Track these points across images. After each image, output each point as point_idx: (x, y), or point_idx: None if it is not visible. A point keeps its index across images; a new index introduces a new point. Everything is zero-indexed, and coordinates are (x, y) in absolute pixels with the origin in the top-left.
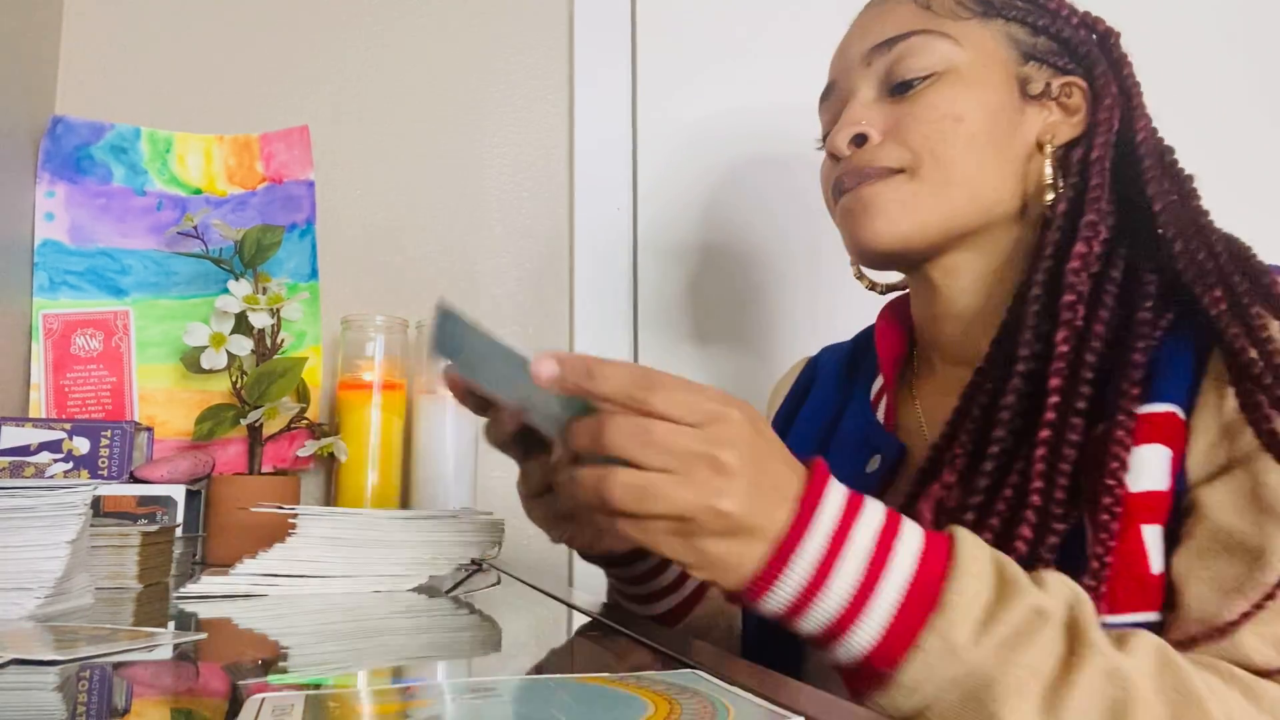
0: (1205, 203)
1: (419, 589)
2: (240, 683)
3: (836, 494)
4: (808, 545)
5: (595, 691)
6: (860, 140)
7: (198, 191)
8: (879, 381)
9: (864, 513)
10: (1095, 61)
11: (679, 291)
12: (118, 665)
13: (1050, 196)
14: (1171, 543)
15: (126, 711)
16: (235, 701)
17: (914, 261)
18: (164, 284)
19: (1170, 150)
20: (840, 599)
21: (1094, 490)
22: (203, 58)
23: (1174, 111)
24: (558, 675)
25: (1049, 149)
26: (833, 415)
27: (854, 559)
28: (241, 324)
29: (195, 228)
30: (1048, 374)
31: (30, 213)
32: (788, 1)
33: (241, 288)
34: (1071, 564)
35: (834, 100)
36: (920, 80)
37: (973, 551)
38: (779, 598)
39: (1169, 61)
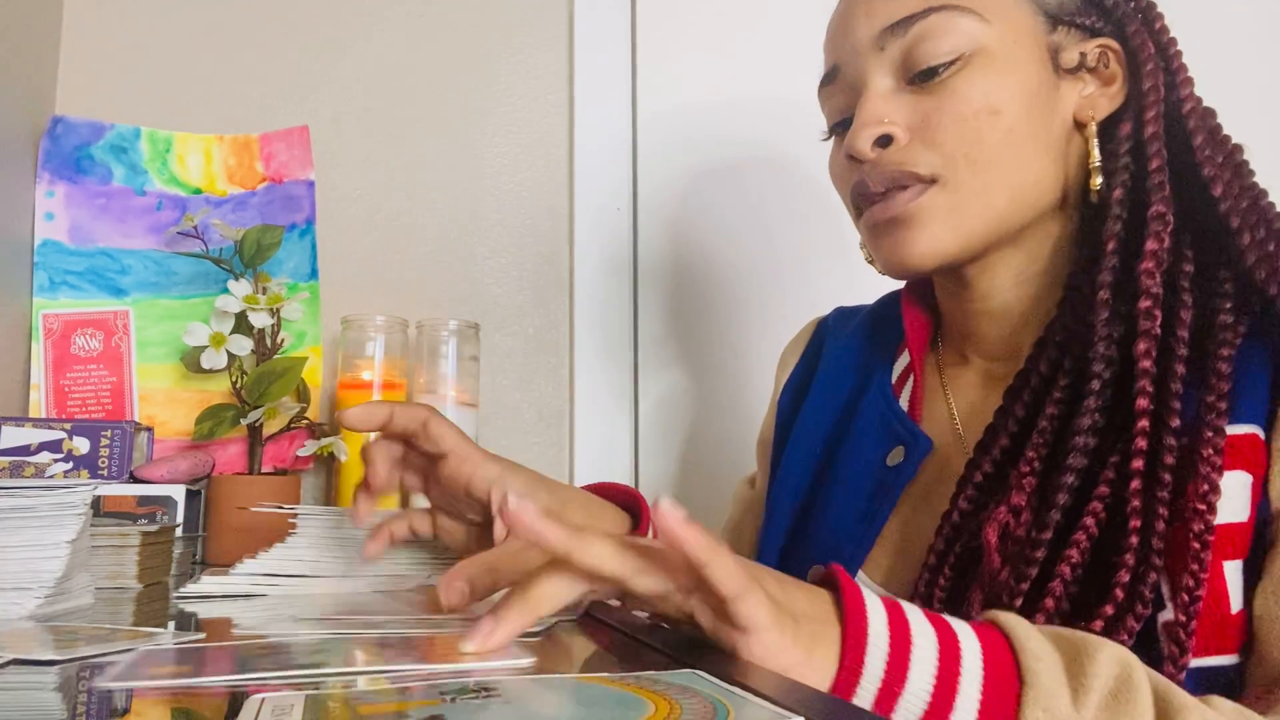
0: (1260, 177)
1: (419, 589)
2: None
3: (878, 621)
4: (870, 664)
5: (595, 691)
6: (885, 141)
7: (198, 191)
8: (901, 362)
9: (913, 628)
10: (1126, 17)
11: (680, 291)
12: None
13: (1099, 180)
14: (1251, 577)
15: (126, 711)
16: (235, 701)
17: (951, 271)
18: (164, 284)
19: (1213, 114)
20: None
21: (1177, 523)
22: (203, 58)
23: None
24: (557, 675)
25: (1091, 127)
26: (850, 394)
27: (920, 677)
28: (241, 324)
29: (195, 228)
30: (1133, 391)
31: (30, 213)
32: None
33: (241, 288)
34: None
35: (840, 87)
36: (946, 66)
37: (1025, 629)
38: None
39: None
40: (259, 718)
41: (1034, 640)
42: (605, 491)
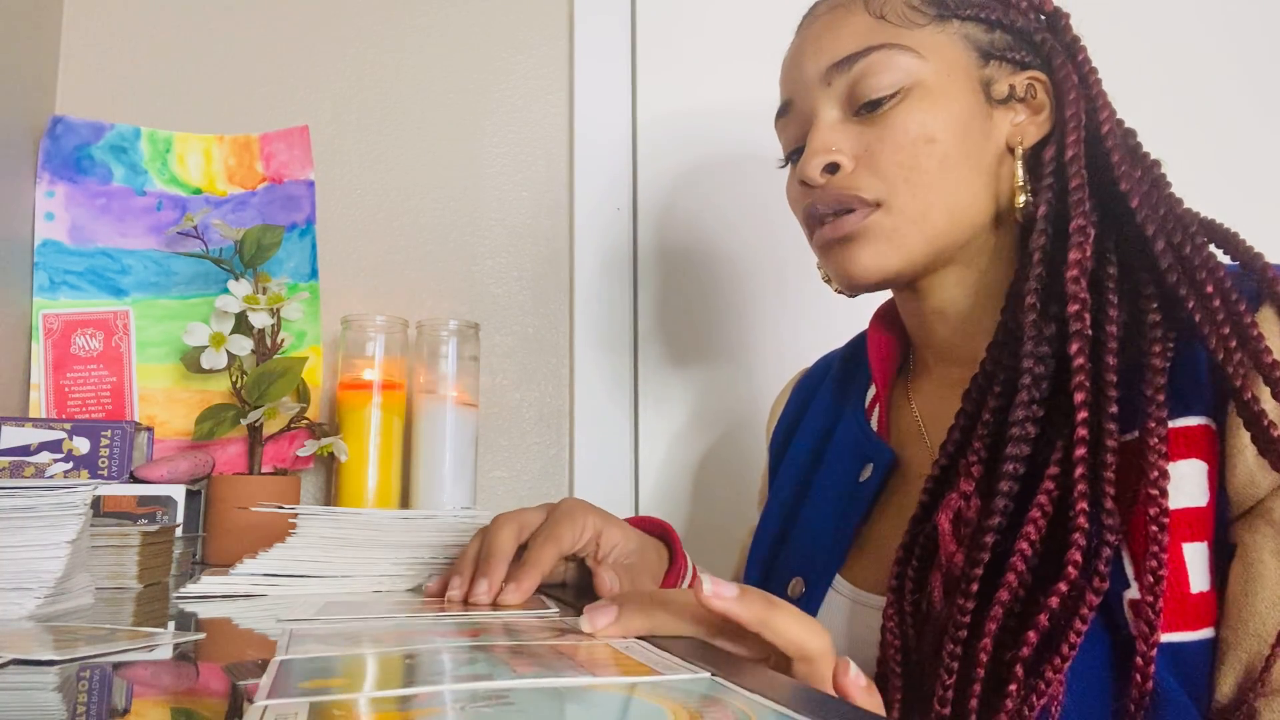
0: (1176, 189)
1: (419, 589)
2: (240, 683)
3: None
4: None
5: (611, 700)
6: (833, 168)
7: (198, 191)
8: (872, 389)
9: None
10: (1053, 51)
11: (679, 292)
12: (117, 665)
13: (1022, 199)
14: (1216, 559)
15: (126, 711)
16: (235, 702)
17: (900, 285)
18: (164, 284)
19: (1133, 134)
20: None
21: (1135, 506)
22: (203, 58)
23: (1173, 112)
24: (570, 681)
25: (1019, 152)
26: (827, 425)
27: None
28: (241, 324)
29: (195, 228)
30: (1069, 388)
31: (30, 213)
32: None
33: (241, 288)
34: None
35: (793, 119)
36: (887, 99)
37: None
38: None
39: (1167, 60)
40: None
41: None
42: (641, 525)
